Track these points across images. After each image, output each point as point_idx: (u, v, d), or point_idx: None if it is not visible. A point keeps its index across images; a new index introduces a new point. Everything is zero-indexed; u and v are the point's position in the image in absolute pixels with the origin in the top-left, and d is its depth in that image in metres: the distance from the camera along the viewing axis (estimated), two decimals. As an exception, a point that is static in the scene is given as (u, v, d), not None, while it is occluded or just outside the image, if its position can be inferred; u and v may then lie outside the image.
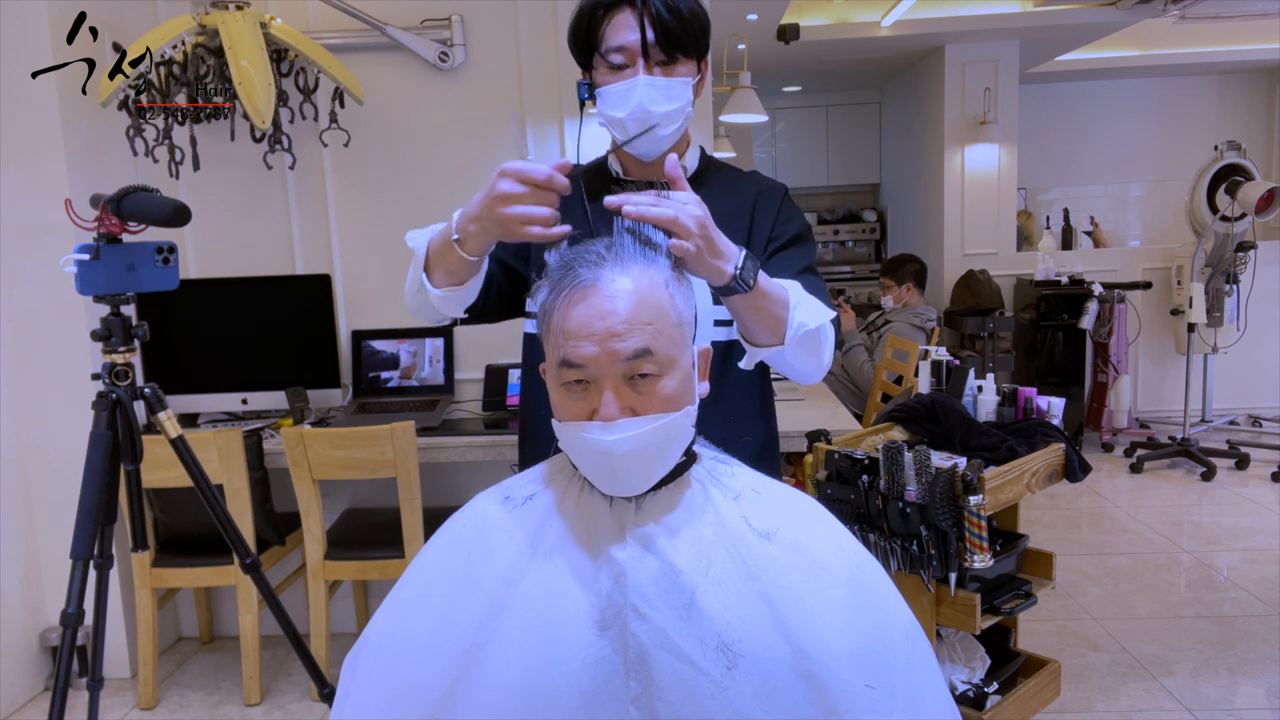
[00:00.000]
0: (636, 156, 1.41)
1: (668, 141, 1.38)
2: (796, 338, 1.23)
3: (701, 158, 1.48)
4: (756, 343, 1.25)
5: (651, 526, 0.98)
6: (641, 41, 1.30)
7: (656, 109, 1.31)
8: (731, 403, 1.41)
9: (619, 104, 1.32)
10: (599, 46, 1.33)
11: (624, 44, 1.31)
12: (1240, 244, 4.85)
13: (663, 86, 1.31)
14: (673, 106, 1.33)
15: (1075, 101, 6.71)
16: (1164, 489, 4.45)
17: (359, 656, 1.05)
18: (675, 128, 1.36)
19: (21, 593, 2.77)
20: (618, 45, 1.31)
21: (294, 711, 2.70)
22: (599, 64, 1.35)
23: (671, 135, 1.37)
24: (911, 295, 4.37)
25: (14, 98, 2.62)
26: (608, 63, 1.33)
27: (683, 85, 1.33)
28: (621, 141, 1.38)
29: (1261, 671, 2.68)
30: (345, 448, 2.57)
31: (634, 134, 1.33)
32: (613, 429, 0.93)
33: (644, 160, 1.41)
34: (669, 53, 1.31)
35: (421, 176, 3.12)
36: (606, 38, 1.32)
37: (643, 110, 1.31)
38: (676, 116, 1.34)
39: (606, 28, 1.32)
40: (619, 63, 1.32)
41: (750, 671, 0.91)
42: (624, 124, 1.33)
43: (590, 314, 0.93)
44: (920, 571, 1.89)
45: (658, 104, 1.31)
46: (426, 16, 3.01)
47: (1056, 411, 2.19)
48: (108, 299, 1.79)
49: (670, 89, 1.32)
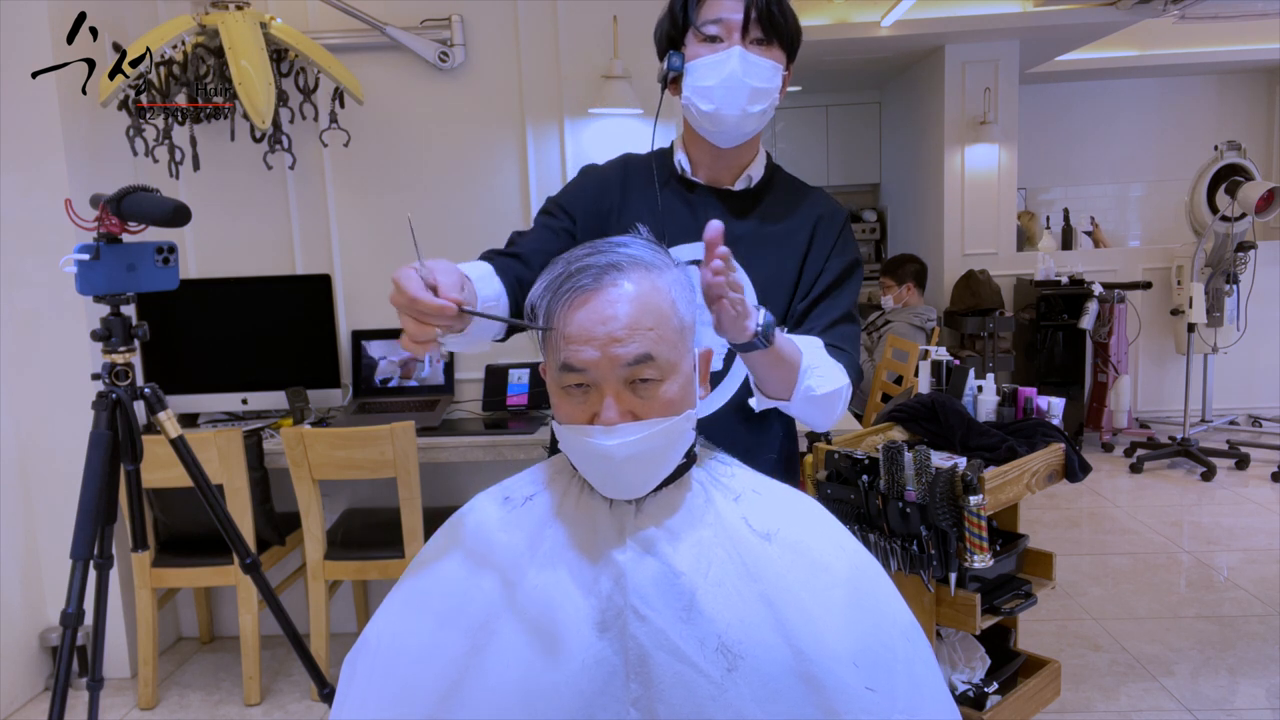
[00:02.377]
0: (716, 141, 1.38)
1: (750, 123, 1.35)
2: (803, 399, 1.24)
3: (768, 166, 1.47)
4: (767, 393, 1.26)
5: (652, 528, 0.98)
6: (745, 17, 1.29)
7: (749, 81, 1.30)
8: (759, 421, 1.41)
9: (711, 72, 1.31)
10: (695, 20, 1.32)
11: (723, 16, 1.30)
12: (1240, 244, 4.85)
13: (757, 63, 1.31)
14: (763, 85, 1.31)
15: (1075, 101, 6.71)
16: (1164, 489, 4.45)
17: (359, 657, 1.05)
18: (760, 110, 1.33)
19: (21, 593, 2.77)
20: (716, 17, 1.31)
21: (294, 711, 2.69)
22: (691, 40, 1.34)
23: (756, 118, 1.35)
24: (911, 295, 4.37)
25: (14, 98, 2.62)
26: (702, 34, 1.32)
27: (774, 69, 1.32)
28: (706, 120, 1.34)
29: (1261, 671, 2.68)
30: (345, 448, 2.57)
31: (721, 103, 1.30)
32: (614, 433, 0.93)
33: (719, 145, 1.38)
34: (767, 35, 1.31)
35: (421, 176, 3.12)
36: (705, 12, 1.32)
37: (735, 79, 1.29)
38: (763, 98, 1.33)
39: (706, 4, 1.32)
40: (713, 33, 1.31)
41: (750, 673, 0.91)
42: (712, 93, 1.31)
43: (591, 318, 0.93)
44: (920, 571, 1.89)
45: (752, 78, 1.30)
46: (426, 16, 3.01)
47: (1056, 411, 2.19)
48: (108, 299, 1.79)
49: (762, 68, 1.31)
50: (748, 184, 1.43)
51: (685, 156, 1.44)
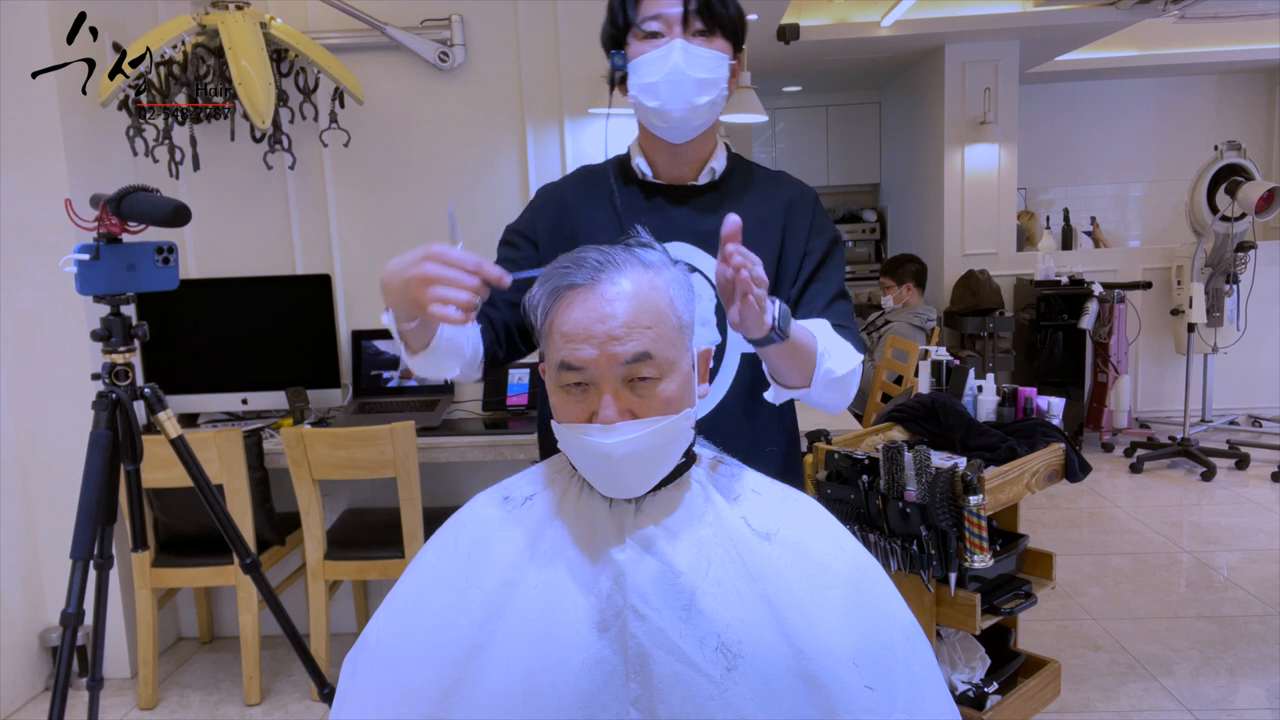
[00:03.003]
0: (668, 137, 1.36)
1: (700, 116, 1.32)
2: (823, 382, 1.23)
3: (729, 158, 1.44)
4: (784, 384, 1.24)
5: (651, 528, 0.98)
6: (684, 9, 1.28)
7: (693, 74, 1.28)
8: (758, 414, 1.40)
9: (654, 68, 1.28)
10: (635, 19, 1.31)
11: (662, 12, 1.28)
12: (1240, 244, 4.85)
13: (699, 54, 1.28)
14: (707, 75, 1.29)
15: (1075, 101, 6.71)
16: (1164, 489, 4.45)
17: (359, 657, 1.05)
18: (709, 101, 1.31)
19: (21, 593, 2.77)
20: (655, 13, 1.29)
21: (294, 711, 2.69)
22: (633, 38, 1.32)
23: (704, 110, 1.32)
24: (911, 295, 4.36)
25: (14, 98, 2.62)
26: (643, 31, 1.30)
27: (718, 59, 1.30)
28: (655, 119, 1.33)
29: (1261, 671, 2.68)
30: (345, 448, 2.57)
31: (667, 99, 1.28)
32: (612, 432, 0.93)
33: (672, 141, 1.36)
34: (708, 23, 1.29)
35: (421, 176, 3.12)
36: (644, 9, 1.31)
37: (678, 72, 1.27)
38: (710, 88, 1.30)
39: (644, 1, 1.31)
40: (654, 29, 1.29)
41: (750, 672, 0.91)
42: (657, 89, 1.29)
43: (589, 317, 0.93)
44: (920, 571, 1.89)
45: (694, 69, 1.28)
46: (426, 16, 3.01)
47: (1056, 411, 2.19)
48: (108, 299, 1.79)
49: (705, 58, 1.29)
50: (711, 177, 1.41)
51: (643, 159, 1.41)
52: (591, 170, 1.45)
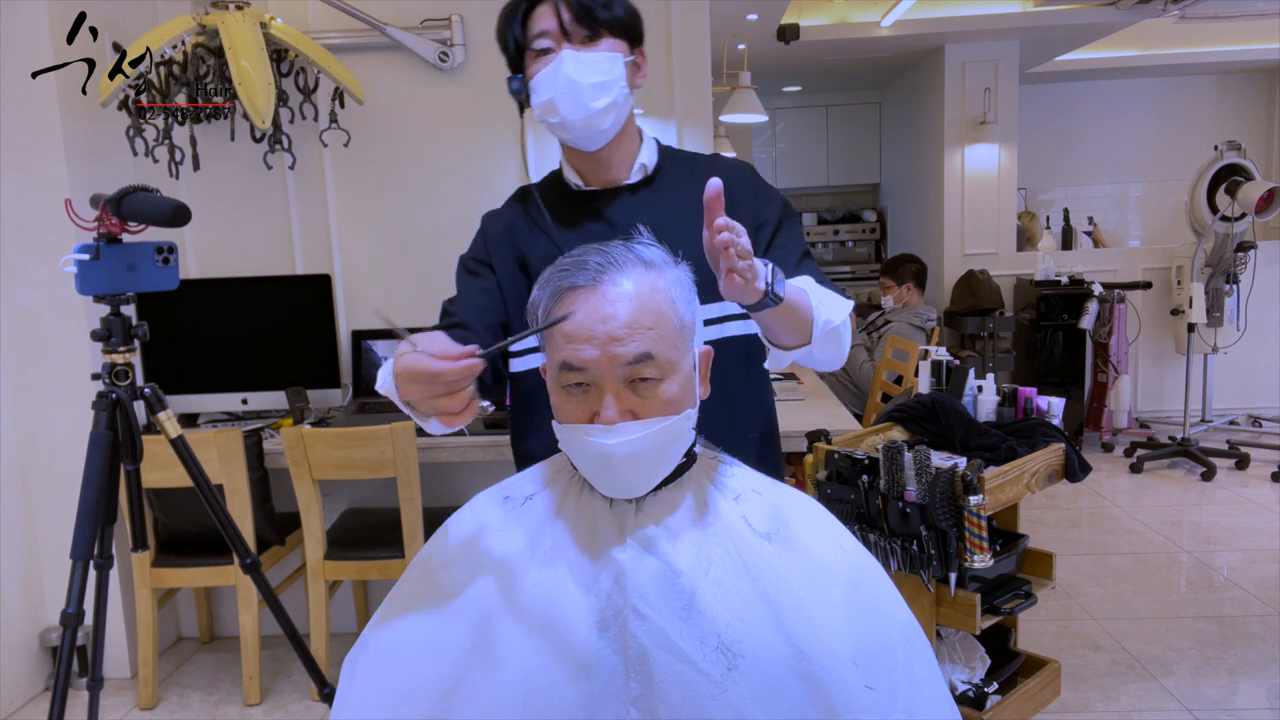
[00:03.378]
0: (581, 148, 1.36)
1: (607, 122, 1.32)
2: (824, 335, 1.23)
3: (659, 152, 1.43)
4: (784, 345, 1.23)
5: (651, 527, 0.98)
6: (559, 24, 1.28)
7: (584, 80, 1.28)
8: (734, 401, 1.40)
9: (547, 86, 1.29)
10: (526, 41, 1.32)
11: (546, 27, 1.29)
12: (1240, 244, 4.85)
13: (587, 60, 1.28)
14: (600, 78, 1.29)
15: (1075, 101, 6.71)
16: (1164, 489, 4.45)
17: (359, 656, 1.05)
18: (608, 102, 1.30)
19: (21, 593, 2.77)
20: (540, 30, 1.30)
21: (294, 711, 2.69)
22: (529, 61, 1.33)
23: (607, 113, 1.31)
24: (911, 295, 4.36)
25: (14, 98, 2.62)
26: (535, 51, 1.31)
27: (609, 59, 1.30)
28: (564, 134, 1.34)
29: (1261, 671, 2.68)
30: (345, 448, 2.57)
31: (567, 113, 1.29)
32: (613, 432, 0.93)
33: (587, 150, 1.36)
34: (591, 28, 1.29)
35: (421, 176, 3.12)
36: (530, 28, 1.31)
37: (570, 83, 1.28)
38: (607, 90, 1.30)
39: (529, 21, 1.32)
40: (544, 47, 1.30)
41: (750, 672, 0.91)
42: (555, 105, 1.29)
43: (591, 317, 0.93)
44: (920, 571, 1.89)
45: (584, 75, 1.28)
46: (426, 16, 3.01)
47: (1056, 411, 2.19)
48: (108, 299, 1.79)
49: (594, 62, 1.29)
50: (644, 173, 1.41)
51: (573, 170, 1.42)
52: (528, 190, 1.46)
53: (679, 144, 3.12)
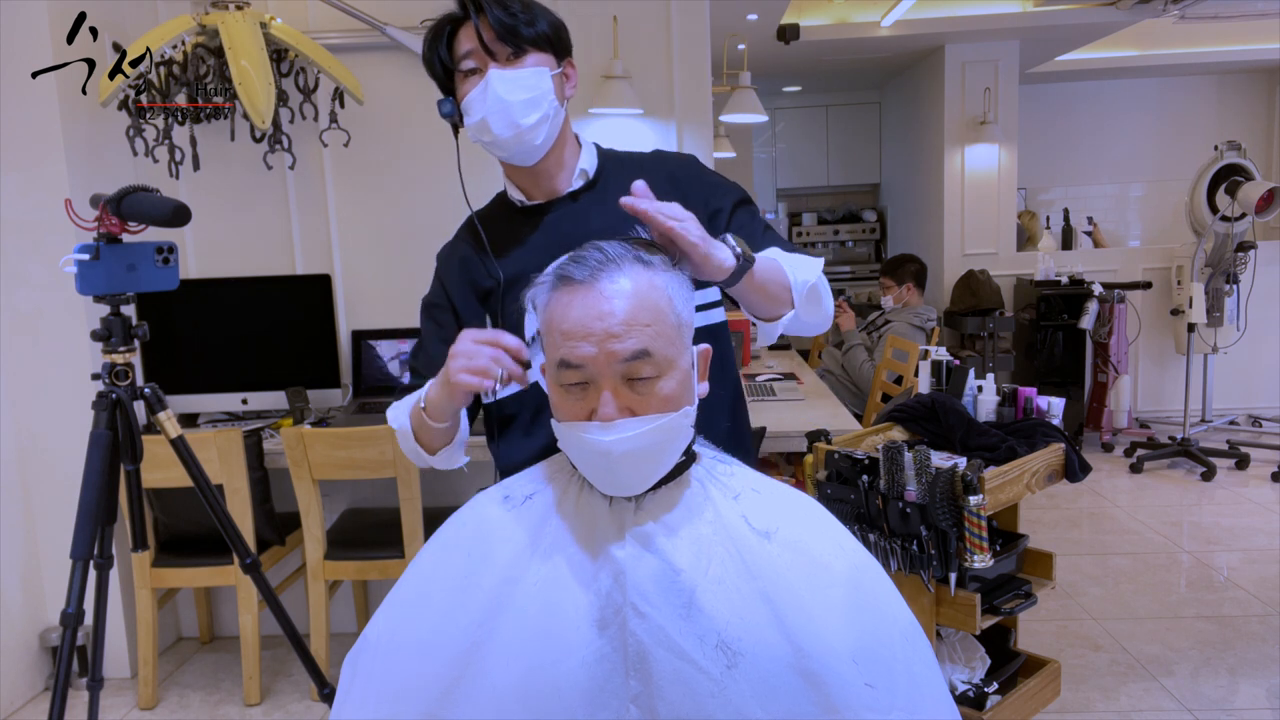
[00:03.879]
0: (515, 162, 1.36)
1: (539, 137, 1.32)
2: (804, 296, 1.24)
3: (599, 156, 1.44)
4: (768, 316, 1.24)
5: (651, 525, 0.98)
6: (482, 43, 1.29)
7: (513, 98, 1.28)
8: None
9: (478, 106, 1.30)
10: (453, 63, 1.33)
11: (470, 48, 1.30)
12: (1240, 244, 4.85)
13: (512, 77, 1.29)
14: (528, 94, 1.29)
15: (1075, 101, 6.71)
16: (1164, 489, 4.45)
17: (359, 656, 1.05)
18: (539, 117, 1.31)
19: (21, 593, 2.77)
20: (465, 51, 1.31)
21: (294, 711, 2.69)
22: (459, 83, 1.34)
23: (539, 127, 1.31)
24: (911, 295, 4.36)
25: (14, 98, 2.62)
26: (462, 72, 1.32)
27: (536, 74, 1.30)
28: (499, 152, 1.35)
29: (1261, 671, 2.68)
30: (345, 448, 2.57)
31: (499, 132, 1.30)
32: (611, 429, 0.93)
33: (524, 165, 1.36)
34: (515, 45, 1.30)
35: (422, 177, 3.12)
36: (456, 50, 1.32)
37: (499, 102, 1.28)
38: (537, 106, 1.30)
39: (455, 45, 1.32)
40: (471, 67, 1.31)
41: (750, 670, 0.91)
42: (487, 125, 1.30)
43: (589, 315, 0.93)
44: (920, 571, 1.89)
45: (512, 93, 1.29)
46: (426, 16, 2.96)
47: (1056, 411, 2.19)
48: (108, 299, 1.79)
49: (521, 78, 1.29)
50: (585, 179, 1.41)
51: (514, 187, 1.42)
52: (471, 220, 1.47)
53: (679, 144, 3.12)
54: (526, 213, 1.41)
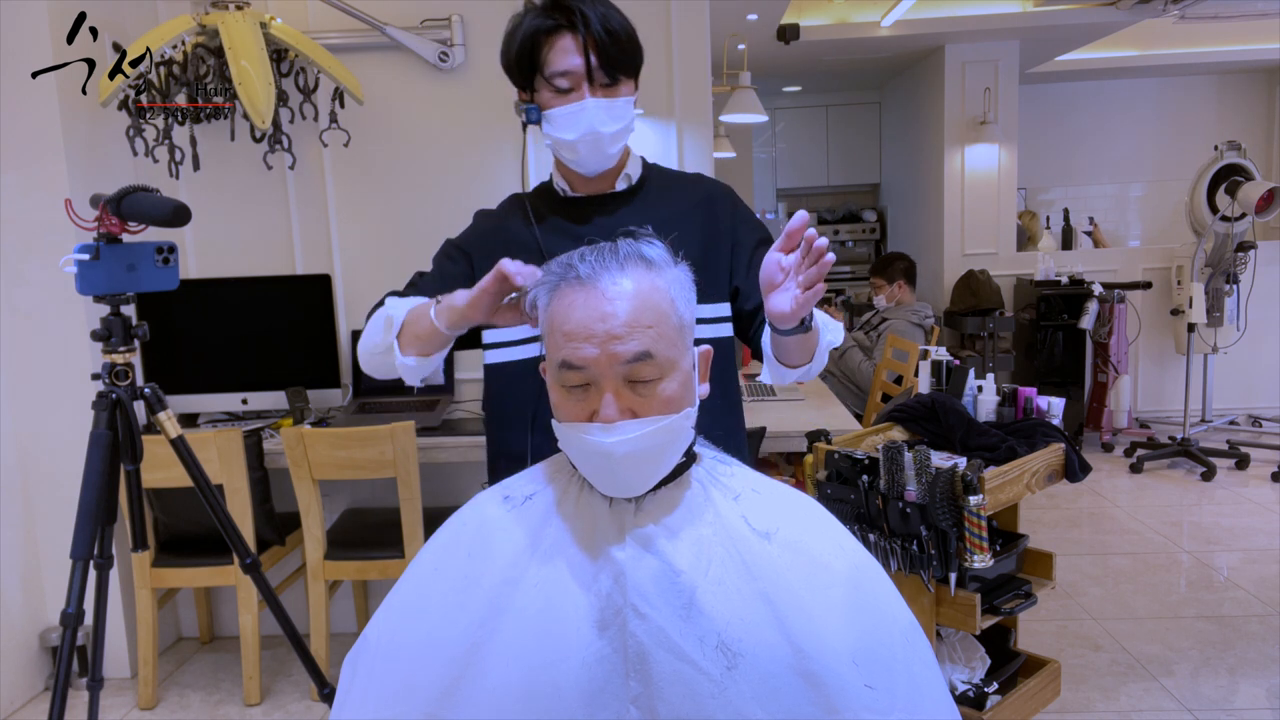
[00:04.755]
0: (583, 174, 1.45)
1: (614, 158, 1.43)
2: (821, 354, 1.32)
3: (644, 166, 1.52)
4: (791, 364, 1.32)
5: (651, 526, 0.98)
6: (585, 66, 1.34)
7: (606, 129, 1.36)
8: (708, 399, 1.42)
9: (569, 127, 1.36)
10: (542, 70, 1.36)
11: (568, 69, 1.34)
12: (1240, 244, 4.85)
13: (608, 107, 1.36)
14: (619, 126, 1.38)
15: (1075, 101, 6.71)
16: (1164, 489, 4.45)
17: (359, 656, 1.05)
18: (622, 145, 1.42)
19: (21, 593, 2.77)
20: (562, 70, 1.35)
21: (294, 711, 2.69)
22: (542, 87, 1.38)
23: (618, 152, 1.43)
24: (903, 293, 4.36)
25: (14, 98, 2.62)
26: (553, 87, 1.36)
27: (626, 105, 1.39)
28: (570, 160, 1.42)
29: (1261, 671, 2.68)
30: (345, 448, 2.57)
31: (584, 154, 1.38)
32: (613, 431, 0.93)
33: (589, 177, 1.45)
34: (612, 75, 1.36)
35: (421, 176, 3.12)
36: (550, 62, 1.35)
37: (593, 132, 1.36)
38: (623, 135, 1.41)
39: (549, 52, 1.35)
40: (565, 87, 1.36)
41: (750, 671, 0.91)
42: (575, 145, 1.38)
43: (591, 316, 0.93)
44: (920, 571, 1.89)
45: (606, 125, 1.36)
46: (426, 16, 3.01)
47: (1056, 411, 2.19)
48: (108, 299, 1.79)
49: (615, 109, 1.37)
50: (628, 183, 1.49)
51: (562, 178, 1.50)
52: (520, 197, 1.54)
53: (679, 144, 3.12)
54: (568, 203, 1.48)
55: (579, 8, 1.34)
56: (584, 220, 1.46)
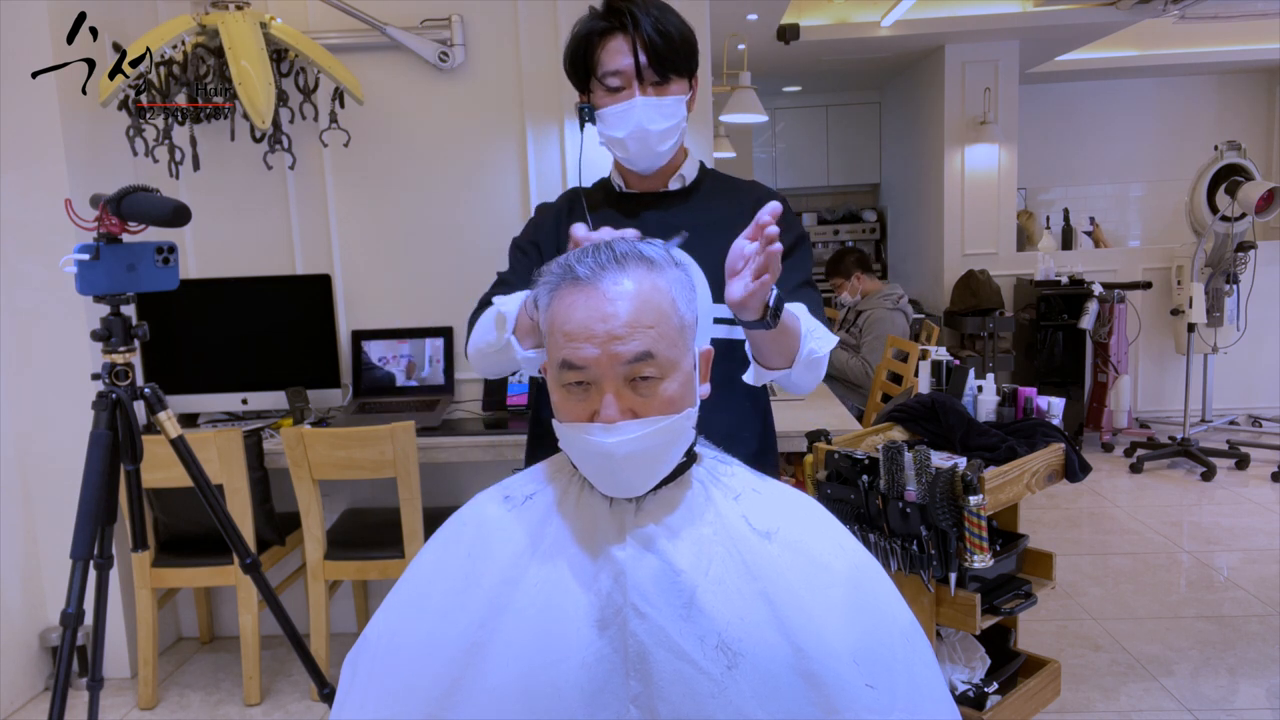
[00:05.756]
0: (637, 171, 1.49)
1: (665, 155, 1.46)
2: (805, 362, 1.29)
3: (700, 168, 1.56)
4: (768, 365, 1.30)
5: (651, 526, 0.98)
6: (635, 65, 1.37)
7: (654, 127, 1.40)
8: (735, 401, 1.44)
9: (618, 124, 1.41)
10: (595, 71, 1.41)
11: (619, 68, 1.38)
12: (1240, 244, 4.85)
13: (657, 106, 1.39)
14: (668, 124, 1.41)
15: (1075, 101, 6.71)
16: (1164, 489, 4.45)
17: (359, 656, 1.05)
18: (672, 143, 1.44)
19: (21, 593, 2.77)
20: (613, 69, 1.39)
21: (294, 711, 2.69)
22: (596, 87, 1.43)
23: (669, 150, 1.44)
24: (865, 282, 4.37)
25: (14, 98, 2.62)
26: (605, 86, 1.41)
27: (676, 103, 1.42)
28: (622, 158, 1.47)
29: (1261, 671, 2.68)
30: (345, 448, 2.57)
31: (634, 151, 1.42)
32: (613, 431, 0.93)
33: (644, 175, 1.49)
34: (662, 74, 1.39)
35: (421, 176, 3.12)
36: (602, 62, 1.40)
37: (641, 129, 1.39)
38: (673, 133, 1.43)
39: (601, 53, 1.40)
40: (615, 85, 1.40)
41: (750, 671, 0.91)
42: (624, 143, 1.42)
43: (591, 316, 0.93)
44: (920, 571, 1.89)
45: (654, 123, 1.40)
46: (426, 16, 3.01)
47: (1056, 411, 2.19)
48: (108, 299, 1.79)
49: (664, 108, 1.40)
50: (682, 183, 1.53)
51: (620, 176, 1.55)
52: (578, 190, 1.58)
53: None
54: (624, 198, 1.54)
55: (630, 9, 1.37)
56: (634, 215, 1.50)
